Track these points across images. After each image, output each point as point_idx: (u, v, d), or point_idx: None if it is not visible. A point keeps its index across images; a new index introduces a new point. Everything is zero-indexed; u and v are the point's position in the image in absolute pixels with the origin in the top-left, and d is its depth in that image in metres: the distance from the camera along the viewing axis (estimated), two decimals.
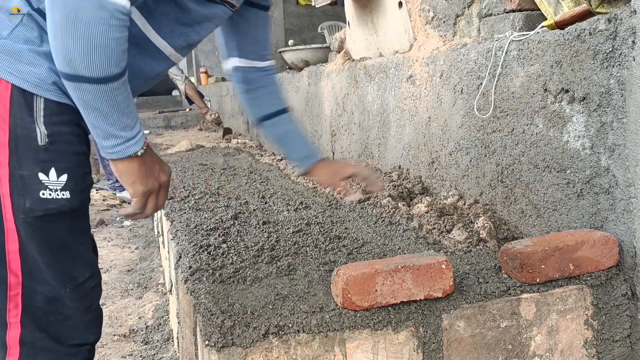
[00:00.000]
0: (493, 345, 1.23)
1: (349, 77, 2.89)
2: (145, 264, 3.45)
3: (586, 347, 1.30)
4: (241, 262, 1.49)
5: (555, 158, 1.51)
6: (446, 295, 1.20)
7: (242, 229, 1.80)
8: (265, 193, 2.36)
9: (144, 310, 2.65)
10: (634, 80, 1.23)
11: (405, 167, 2.36)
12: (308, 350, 1.11)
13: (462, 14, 2.06)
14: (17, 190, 0.97)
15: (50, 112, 0.99)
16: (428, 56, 2.14)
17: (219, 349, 1.07)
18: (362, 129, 2.76)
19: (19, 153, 0.97)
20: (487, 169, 1.81)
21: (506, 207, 1.73)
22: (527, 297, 1.25)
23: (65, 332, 1.07)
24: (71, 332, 1.07)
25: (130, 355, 2.22)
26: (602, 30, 1.30)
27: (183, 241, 1.70)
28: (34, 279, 1.01)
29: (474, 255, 1.51)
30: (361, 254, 1.55)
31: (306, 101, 3.58)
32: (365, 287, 1.14)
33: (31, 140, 0.98)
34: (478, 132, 1.84)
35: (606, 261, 1.31)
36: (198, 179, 2.82)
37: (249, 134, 5.19)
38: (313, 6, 6.46)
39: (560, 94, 1.46)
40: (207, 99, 7.65)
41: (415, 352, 1.17)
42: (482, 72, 1.78)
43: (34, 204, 0.99)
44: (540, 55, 1.52)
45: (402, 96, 2.34)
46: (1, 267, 0.99)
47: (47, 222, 1.01)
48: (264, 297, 1.24)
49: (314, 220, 1.88)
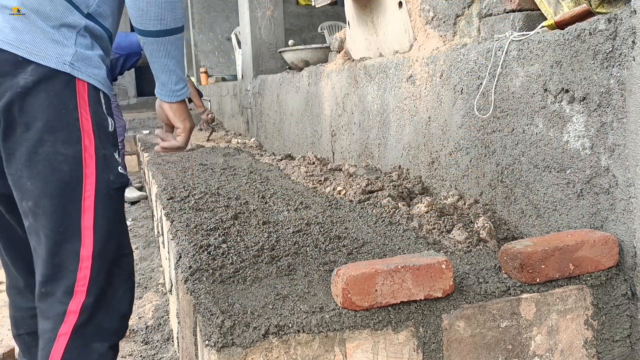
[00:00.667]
0: (493, 345, 1.23)
1: (349, 77, 2.89)
2: (145, 264, 3.45)
3: (586, 347, 1.30)
4: (241, 262, 1.49)
5: (555, 158, 1.51)
6: (446, 295, 1.20)
7: (242, 229, 1.80)
8: (265, 193, 2.36)
9: (144, 310, 2.65)
10: (634, 80, 1.23)
11: (405, 167, 2.36)
12: (308, 350, 1.11)
13: (462, 14, 2.06)
14: (102, 168, 1.17)
15: (107, 104, 1.23)
16: (428, 56, 2.14)
17: (219, 349, 1.07)
18: (362, 129, 2.76)
19: (100, 138, 1.18)
20: (487, 169, 1.81)
21: (506, 207, 1.73)
22: (527, 297, 1.25)
23: (115, 303, 1.22)
24: (119, 305, 1.23)
25: (130, 355, 2.22)
26: (602, 30, 1.30)
27: (183, 241, 1.70)
28: (101, 252, 1.17)
29: (474, 255, 1.51)
30: (361, 254, 1.55)
31: (306, 101, 3.58)
32: (365, 287, 1.14)
33: (105, 127, 1.20)
34: (478, 132, 1.84)
35: (606, 261, 1.31)
36: (198, 179, 2.82)
37: (249, 133, 5.19)
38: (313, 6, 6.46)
39: (560, 94, 1.46)
40: (207, 99, 7.66)
41: (415, 352, 1.17)
42: (482, 72, 1.78)
43: (115, 177, 1.19)
44: (540, 55, 1.52)
45: (402, 96, 2.34)
46: (76, 242, 1.14)
47: (119, 195, 1.22)
48: (264, 297, 1.24)
49: (314, 220, 1.88)
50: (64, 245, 1.13)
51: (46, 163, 1.11)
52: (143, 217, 4.65)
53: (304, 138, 3.68)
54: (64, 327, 1.13)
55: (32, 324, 1.37)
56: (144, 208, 4.98)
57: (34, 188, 1.11)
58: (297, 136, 3.83)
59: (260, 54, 4.99)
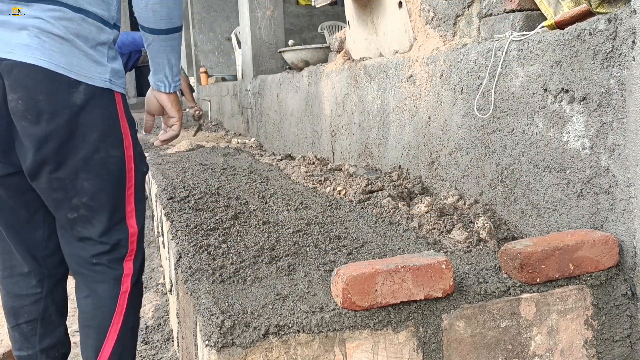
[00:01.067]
0: (493, 345, 1.23)
1: (349, 77, 2.89)
2: (145, 264, 3.45)
3: (586, 347, 1.30)
4: (241, 262, 1.49)
5: (555, 158, 1.51)
6: (446, 295, 1.20)
7: (242, 229, 1.80)
8: (265, 193, 2.36)
9: (144, 310, 2.65)
10: (634, 80, 1.23)
11: (405, 167, 2.37)
12: (308, 350, 1.11)
13: (462, 14, 2.06)
14: (138, 163, 1.44)
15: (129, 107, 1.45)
16: (428, 56, 2.14)
17: (219, 349, 1.07)
18: (362, 129, 2.76)
19: (133, 137, 1.41)
20: (487, 169, 1.81)
21: (506, 207, 1.73)
22: (527, 297, 1.25)
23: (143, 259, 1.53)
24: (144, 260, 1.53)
25: None
26: (602, 30, 1.30)
27: (183, 241, 1.70)
28: (141, 227, 1.47)
29: (474, 255, 1.51)
30: (361, 254, 1.55)
31: (306, 101, 3.58)
32: (365, 287, 1.14)
33: (134, 126, 1.43)
34: (478, 132, 1.84)
35: (606, 261, 1.31)
36: (198, 179, 2.82)
37: (249, 133, 5.19)
38: (313, 6, 6.46)
39: (560, 94, 1.46)
40: (207, 99, 7.65)
41: (415, 352, 1.17)
42: (482, 72, 1.78)
43: (145, 168, 1.48)
44: (540, 55, 1.52)
45: (402, 96, 2.34)
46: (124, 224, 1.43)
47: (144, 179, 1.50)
48: (264, 297, 1.24)
49: (314, 220, 1.88)
50: (116, 228, 1.41)
51: (101, 165, 1.34)
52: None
53: (304, 138, 3.68)
54: (124, 287, 1.43)
55: (33, 311, 1.51)
56: None
57: (90, 186, 1.34)
58: (297, 136, 3.83)
59: (260, 54, 4.99)
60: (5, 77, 1.21)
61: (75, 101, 1.26)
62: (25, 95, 1.21)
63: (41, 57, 1.21)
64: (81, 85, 1.27)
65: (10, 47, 1.20)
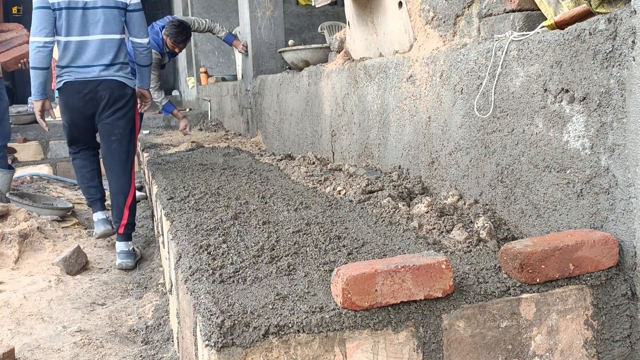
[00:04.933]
0: (493, 345, 1.23)
1: (349, 77, 2.89)
2: (145, 264, 3.45)
3: (586, 347, 1.30)
4: (241, 262, 1.49)
5: (555, 158, 1.51)
6: (446, 295, 1.20)
7: (242, 229, 1.80)
8: (265, 193, 2.36)
9: (144, 310, 2.65)
10: (634, 80, 1.23)
11: (405, 167, 2.37)
12: (308, 350, 1.11)
13: (462, 14, 2.06)
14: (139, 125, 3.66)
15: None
16: (428, 56, 2.14)
17: (219, 349, 1.07)
18: (362, 129, 2.76)
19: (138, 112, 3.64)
20: (487, 169, 1.81)
21: (506, 207, 1.73)
22: (527, 297, 1.25)
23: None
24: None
25: (130, 355, 2.22)
26: (602, 30, 1.30)
27: (183, 241, 1.70)
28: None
29: (474, 255, 1.51)
30: (361, 254, 1.55)
31: (306, 101, 3.58)
32: (365, 287, 1.14)
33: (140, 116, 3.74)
34: (478, 132, 1.84)
35: (606, 261, 1.31)
36: (198, 179, 2.82)
37: (249, 133, 5.19)
38: (313, 6, 6.46)
39: (560, 94, 1.46)
40: (207, 99, 7.65)
41: (415, 352, 1.18)
42: (482, 72, 1.78)
43: (140, 120, 3.83)
44: (540, 55, 1.52)
45: (402, 96, 2.34)
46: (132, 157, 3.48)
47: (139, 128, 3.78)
48: (264, 297, 1.24)
49: (314, 220, 1.88)
50: (130, 156, 3.42)
51: (130, 118, 3.38)
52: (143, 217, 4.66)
53: (304, 138, 3.68)
54: (129, 199, 3.42)
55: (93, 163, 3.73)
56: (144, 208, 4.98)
57: (124, 125, 3.35)
58: (297, 136, 3.83)
59: (260, 54, 4.99)
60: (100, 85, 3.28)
61: (127, 92, 3.35)
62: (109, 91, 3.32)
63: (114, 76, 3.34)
64: (127, 87, 3.36)
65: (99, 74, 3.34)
